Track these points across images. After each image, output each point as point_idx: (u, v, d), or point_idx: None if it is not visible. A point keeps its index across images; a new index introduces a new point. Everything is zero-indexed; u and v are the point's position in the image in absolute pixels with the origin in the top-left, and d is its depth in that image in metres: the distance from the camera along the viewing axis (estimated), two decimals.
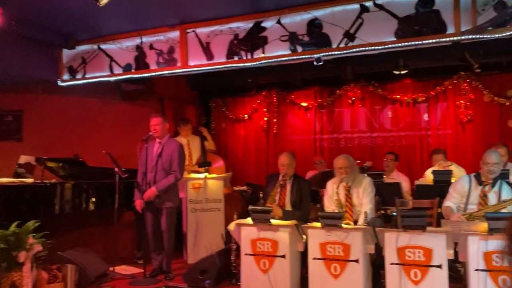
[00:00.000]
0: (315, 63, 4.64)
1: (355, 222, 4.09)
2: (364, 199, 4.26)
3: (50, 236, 4.27)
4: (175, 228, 5.04)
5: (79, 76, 5.77)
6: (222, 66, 5.07)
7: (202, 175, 5.81)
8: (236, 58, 4.99)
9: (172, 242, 4.90)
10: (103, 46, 5.62)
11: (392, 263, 3.60)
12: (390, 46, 4.39)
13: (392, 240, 3.61)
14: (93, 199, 5.26)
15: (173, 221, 4.93)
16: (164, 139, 4.92)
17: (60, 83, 5.86)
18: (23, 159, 5.35)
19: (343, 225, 3.85)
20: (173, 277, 4.78)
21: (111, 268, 4.92)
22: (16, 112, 6.13)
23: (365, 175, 4.58)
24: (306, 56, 4.69)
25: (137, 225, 5.61)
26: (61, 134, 6.16)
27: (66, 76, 5.84)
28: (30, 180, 4.99)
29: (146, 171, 4.80)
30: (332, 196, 4.35)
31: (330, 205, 4.38)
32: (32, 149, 5.69)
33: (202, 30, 5.13)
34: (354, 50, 4.51)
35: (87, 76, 5.72)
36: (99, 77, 5.67)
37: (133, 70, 5.50)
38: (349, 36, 4.51)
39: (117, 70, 5.58)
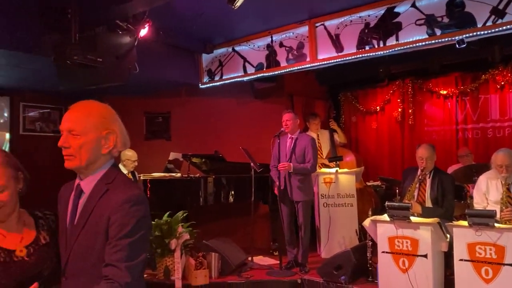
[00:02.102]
0: (457, 46, 4.23)
1: None
2: None
3: (195, 226, 4.67)
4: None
5: (217, 78, 6.17)
6: (353, 57, 4.93)
7: (333, 170, 5.76)
8: (367, 48, 4.81)
9: (308, 235, 4.97)
10: (237, 48, 5.92)
11: None
12: None
13: None
14: (232, 192, 5.61)
15: (308, 215, 5.00)
16: (295, 134, 5.02)
17: (200, 86, 6.34)
18: (172, 155, 5.93)
19: (496, 225, 3.45)
20: (308, 270, 4.84)
21: (249, 258, 5.19)
22: (165, 114, 6.86)
23: None
24: (446, 39, 4.30)
25: (272, 218, 5.81)
26: (203, 132, 6.68)
27: (206, 79, 6.29)
28: (178, 175, 5.53)
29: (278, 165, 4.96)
30: (485, 192, 3.94)
31: (481, 202, 3.98)
32: (179, 147, 6.29)
33: (331, 23, 5.05)
34: (504, 28, 3.99)
35: (223, 77, 6.10)
36: (234, 78, 5.99)
37: (264, 69, 5.68)
38: (498, 12, 4.00)
39: (250, 69, 5.82)
